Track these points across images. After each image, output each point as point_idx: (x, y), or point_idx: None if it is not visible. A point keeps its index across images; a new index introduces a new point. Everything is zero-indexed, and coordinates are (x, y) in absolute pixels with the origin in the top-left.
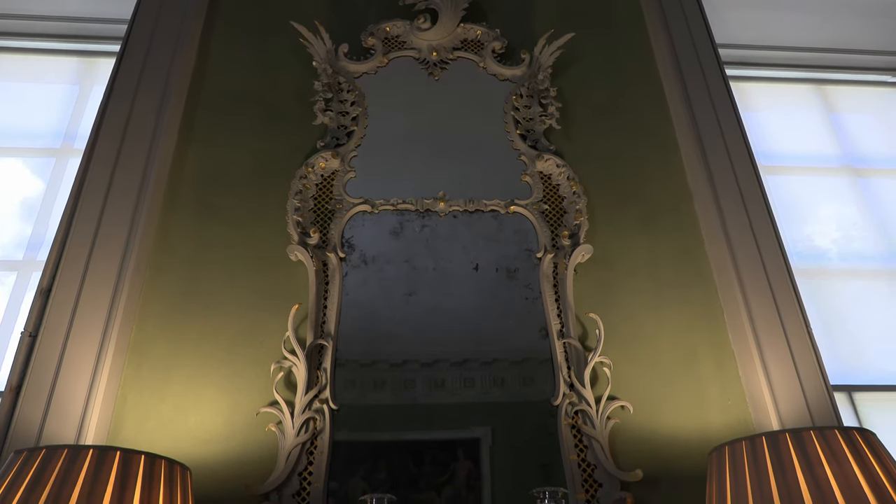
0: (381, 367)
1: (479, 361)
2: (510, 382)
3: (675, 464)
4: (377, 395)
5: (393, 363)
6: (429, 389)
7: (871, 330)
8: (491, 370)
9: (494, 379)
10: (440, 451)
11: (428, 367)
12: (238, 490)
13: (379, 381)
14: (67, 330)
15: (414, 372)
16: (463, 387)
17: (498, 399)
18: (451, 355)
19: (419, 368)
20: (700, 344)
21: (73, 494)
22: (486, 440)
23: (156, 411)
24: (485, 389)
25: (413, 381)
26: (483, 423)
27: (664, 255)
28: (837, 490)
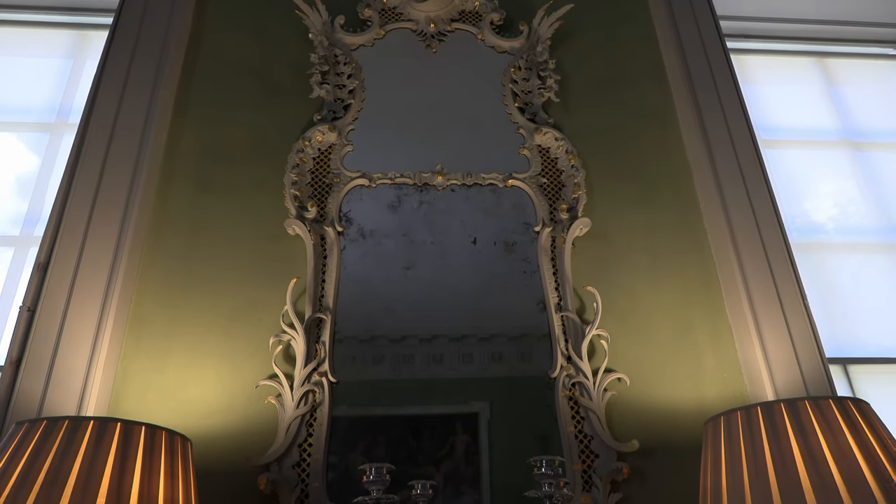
0: (380, 343)
1: (477, 337)
2: (508, 358)
3: (671, 435)
4: (376, 370)
5: (392, 339)
6: (427, 365)
7: (868, 304)
8: (489, 346)
9: (493, 354)
10: (439, 426)
11: (427, 342)
12: (239, 461)
13: (378, 356)
14: (66, 304)
15: (413, 347)
16: (461, 362)
17: (496, 374)
18: (449, 331)
19: (418, 344)
20: (697, 317)
21: (74, 465)
22: (484, 415)
23: (156, 384)
24: (483, 365)
25: (412, 357)
26: (481, 397)
27: (662, 229)
28: (831, 459)
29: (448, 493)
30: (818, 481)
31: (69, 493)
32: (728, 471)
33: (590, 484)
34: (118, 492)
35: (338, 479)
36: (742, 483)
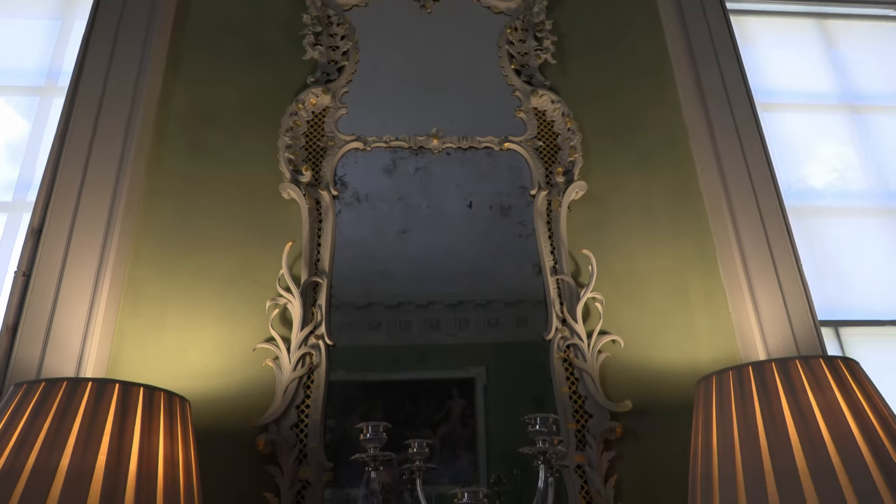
0: (377, 309)
1: (473, 303)
2: (504, 323)
3: (664, 395)
4: (373, 336)
5: (388, 305)
6: (424, 331)
7: (862, 268)
8: (485, 311)
9: (489, 320)
10: (435, 391)
11: (423, 308)
12: (237, 422)
13: (374, 322)
14: (61, 269)
15: (409, 313)
16: (458, 328)
17: (492, 339)
18: (445, 297)
19: (414, 310)
20: (691, 280)
21: (74, 425)
22: (480, 379)
23: (153, 348)
24: (479, 330)
25: (409, 323)
26: (477, 363)
27: (658, 192)
28: (820, 417)
29: (445, 456)
30: (807, 438)
31: (70, 453)
32: (719, 429)
33: (583, 443)
34: (118, 451)
35: (335, 441)
36: (732, 441)
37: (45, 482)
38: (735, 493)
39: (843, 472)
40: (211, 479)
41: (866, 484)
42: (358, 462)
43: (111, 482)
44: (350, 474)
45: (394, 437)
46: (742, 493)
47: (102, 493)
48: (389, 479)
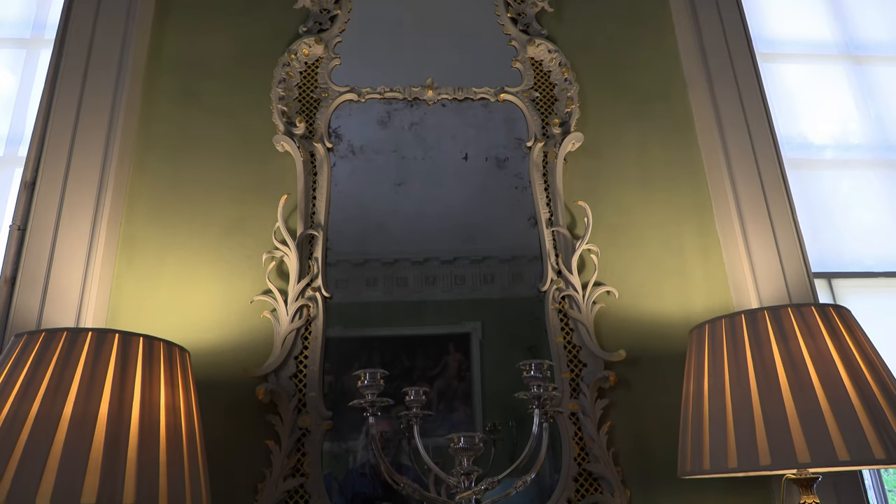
0: (373, 266)
1: (469, 259)
2: (500, 279)
3: (657, 344)
4: (369, 292)
5: (385, 262)
6: (420, 287)
7: (857, 220)
8: (481, 267)
9: (484, 276)
10: (432, 345)
11: (419, 264)
12: (237, 373)
13: (371, 279)
14: (56, 223)
15: (405, 270)
16: (454, 284)
17: (488, 295)
18: (441, 253)
19: (410, 266)
20: (686, 231)
21: (75, 374)
22: (476, 334)
23: (151, 301)
24: (475, 286)
25: (405, 279)
26: (473, 318)
27: (655, 144)
28: (810, 362)
29: (442, 409)
30: (796, 382)
31: (72, 401)
32: (710, 375)
33: (577, 391)
34: (120, 399)
35: (334, 396)
36: (723, 386)
37: (50, 429)
38: (724, 437)
39: (831, 416)
40: (212, 428)
41: (853, 427)
42: (357, 415)
43: (114, 429)
44: (349, 427)
45: (391, 392)
46: (731, 437)
47: (106, 441)
48: (388, 429)
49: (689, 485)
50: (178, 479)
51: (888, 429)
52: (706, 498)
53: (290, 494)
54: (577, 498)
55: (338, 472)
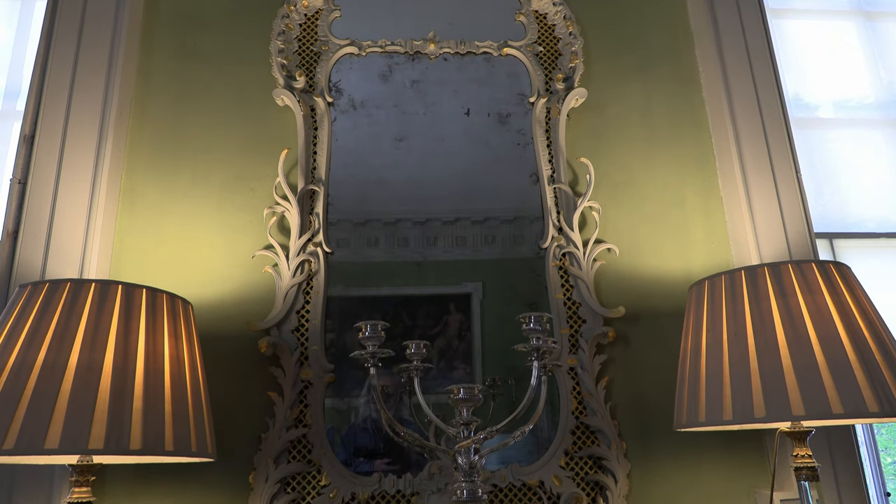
0: (375, 226)
1: (470, 220)
2: (501, 240)
3: (657, 301)
4: (371, 252)
5: (386, 222)
6: (422, 247)
7: (861, 181)
8: (482, 228)
9: (486, 237)
10: (433, 305)
11: (421, 225)
12: (239, 326)
13: (372, 238)
14: (56, 176)
15: (407, 230)
16: (455, 244)
17: (489, 256)
18: (443, 213)
19: (412, 227)
20: (689, 189)
21: (80, 324)
22: (476, 294)
23: (153, 255)
24: (476, 247)
25: (406, 240)
26: (474, 278)
27: (659, 101)
28: (808, 319)
29: (442, 368)
30: (793, 337)
31: (78, 350)
32: (709, 330)
33: (576, 347)
34: (125, 349)
35: (336, 352)
36: (721, 341)
37: (56, 377)
38: (721, 390)
39: (827, 371)
40: (215, 380)
41: (849, 382)
42: (359, 372)
43: (119, 379)
44: (351, 384)
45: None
46: (727, 390)
47: (112, 389)
48: (389, 383)
49: (685, 438)
50: (184, 428)
51: (883, 383)
52: (701, 451)
53: (294, 444)
54: (575, 450)
55: (340, 427)
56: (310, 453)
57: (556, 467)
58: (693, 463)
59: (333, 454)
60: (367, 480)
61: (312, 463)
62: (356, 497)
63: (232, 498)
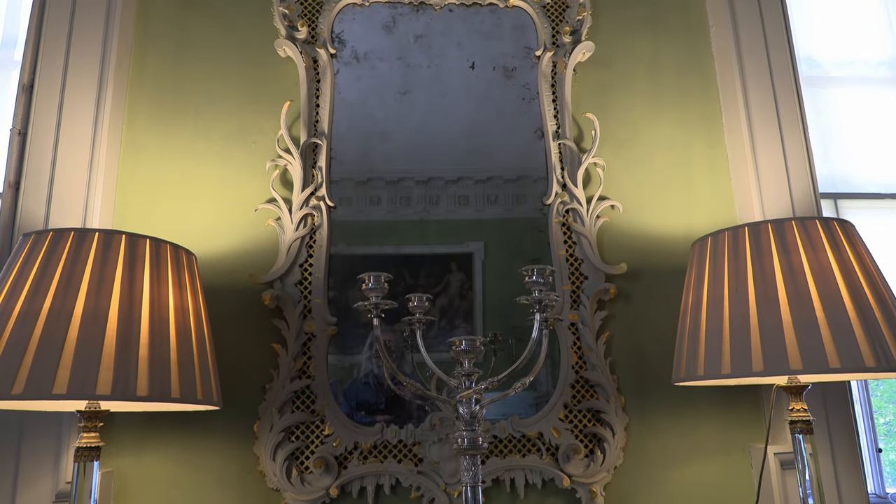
0: (377, 184)
1: (473, 179)
2: (503, 199)
3: (659, 259)
4: (373, 210)
5: (389, 180)
6: (424, 206)
7: (869, 141)
8: (485, 188)
9: (488, 196)
10: (435, 264)
11: (423, 184)
12: (243, 279)
13: (375, 197)
14: (56, 126)
15: (409, 189)
16: (457, 204)
17: (491, 216)
18: (446, 173)
19: (414, 186)
20: (695, 146)
21: (84, 273)
22: (478, 254)
23: (156, 208)
24: (479, 207)
25: (408, 199)
26: (476, 238)
27: (668, 55)
28: (810, 274)
29: (443, 326)
30: (794, 293)
31: (83, 298)
32: (710, 286)
33: (578, 303)
34: (130, 298)
35: (338, 310)
36: (722, 296)
37: (63, 324)
38: (720, 345)
39: (826, 326)
40: (219, 332)
41: (847, 337)
42: (361, 329)
43: (125, 327)
44: (354, 341)
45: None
46: (727, 345)
47: (118, 337)
48: (391, 339)
49: (683, 392)
50: (189, 376)
51: (881, 339)
52: (698, 406)
53: (297, 395)
54: (574, 403)
55: (342, 382)
56: (313, 404)
57: (556, 420)
58: (690, 417)
59: (336, 404)
60: (370, 430)
61: (316, 413)
62: (359, 446)
63: (237, 446)
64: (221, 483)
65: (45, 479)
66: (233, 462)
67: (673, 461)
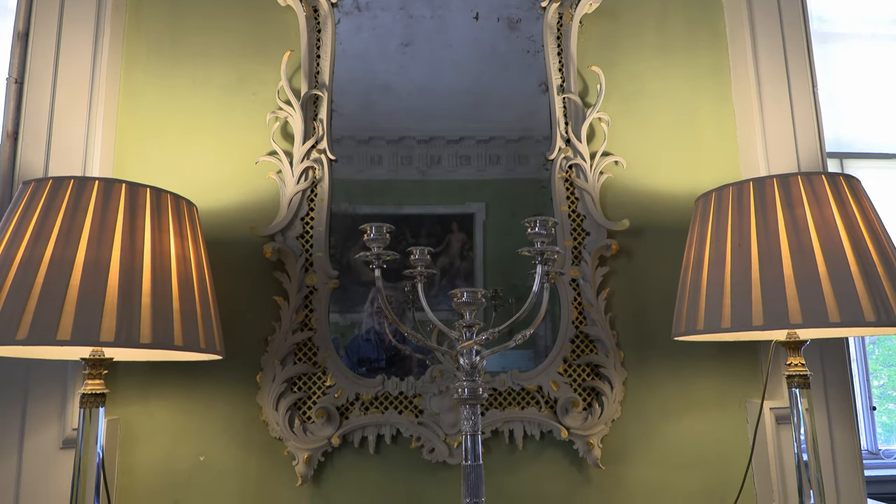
0: (379, 143)
1: (475, 139)
2: (506, 160)
3: (662, 215)
4: (374, 169)
5: (390, 139)
6: (425, 166)
7: (878, 99)
8: (487, 147)
9: (490, 156)
10: (436, 224)
11: (424, 143)
12: (244, 232)
13: (376, 156)
14: (53, 75)
15: (411, 149)
16: (459, 164)
17: (493, 176)
18: (447, 132)
19: (416, 145)
20: (701, 101)
21: (85, 221)
22: (479, 215)
23: (155, 160)
24: (480, 167)
25: (410, 158)
26: (478, 198)
27: (676, 7)
28: (813, 229)
29: (444, 286)
30: (797, 248)
31: (84, 247)
32: (713, 241)
33: (579, 259)
34: (131, 248)
35: (339, 269)
36: (724, 251)
37: (65, 272)
38: (721, 299)
39: (828, 281)
40: (221, 284)
41: (848, 292)
42: (363, 289)
43: (127, 275)
44: (354, 300)
45: (395, 267)
46: (727, 299)
47: (120, 285)
48: (392, 294)
49: (682, 347)
50: (192, 325)
51: (882, 294)
52: (696, 362)
53: (299, 347)
54: (573, 358)
55: (344, 336)
56: (315, 356)
57: (555, 374)
58: (688, 373)
59: (338, 357)
60: (371, 382)
61: (318, 365)
62: (360, 398)
63: (240, 396)
64: (225, 432)
65: (51, 426)
66: (236, 411)
67: (670, 415)
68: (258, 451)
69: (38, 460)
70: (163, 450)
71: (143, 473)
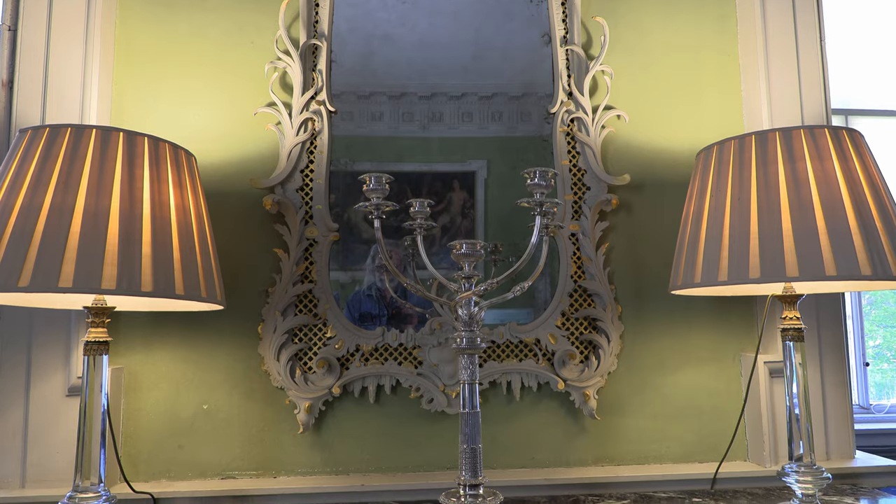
0: (379, 99)
1: (477, 95)
2: (507, 117)
3: (663, 171)
4: (375, 126)
5: (391, 95)
6: (427, 123)
7: (886, 57)
8: (489, 104)
9: (492, 114)
10: (437, 182)
11: (426, 99)
12: (243, 183)
13: (377, 113)
14: (47, 23)
15: (412, 105)
16: (461, 121)
17: (495, 133)
18: (449, 88)
19: (417, 101)
20: (706, 55)
21: (84, 169)
22: (481, 172)
23: (153, 110)
24: (482, 124)
25: (411, 115)
26: (479, 156)
27: None
28: (814, 183)
29: (444, 244)
30: (797, 202)
31: (84, 195)
32: (713, 195)
33: (579, 213)
34: (130, 196)
35: (340, 226)
36: (724, 205)
37: (65, 219)
38: (718, 252)
39: (825, 235)
40: (221, 236)
41: (845, 245)
42: (362, 246)
43: (127, 224)
44: (355, 257)
45: (395, 225)
46: (725, 252)
47: (120, 234)
48: (393, 251)
49: (679, 302)
50: (193, 274)
51: (880, 249)
52: (692, 316)
53: (300, 299)
54: (571, 311)
55: (345, 291)
56: (315, 308)
57: (553, 327)
58: (684, 327)
59: (339, 308)
60: (371, 334)
61: (318, 316)
62: (360, 349)
63: (242, 346)
64: (228, 381)
65: (56, 374)
66: (238, 361)
67: (665, 368)
68: (260, 400)
69: (44, 407)
70: (167, 398)
71: (147, 420)
